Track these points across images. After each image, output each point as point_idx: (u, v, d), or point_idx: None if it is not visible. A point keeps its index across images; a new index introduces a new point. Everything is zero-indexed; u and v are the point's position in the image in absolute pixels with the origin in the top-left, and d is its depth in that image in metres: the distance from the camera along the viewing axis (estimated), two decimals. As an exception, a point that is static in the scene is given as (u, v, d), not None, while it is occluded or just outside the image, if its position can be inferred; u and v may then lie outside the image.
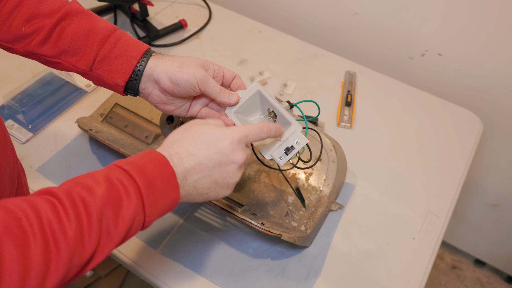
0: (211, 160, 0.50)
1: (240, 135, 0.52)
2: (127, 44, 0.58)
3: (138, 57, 0.58)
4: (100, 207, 0.42)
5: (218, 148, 0.50)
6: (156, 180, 0.46)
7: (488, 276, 1.61)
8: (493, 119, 1.13)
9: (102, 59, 0.58)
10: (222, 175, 0.51)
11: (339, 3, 1.16)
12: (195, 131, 0.51)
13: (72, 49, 0.58)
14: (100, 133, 0.79)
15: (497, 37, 1.00)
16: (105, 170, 0.46)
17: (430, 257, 0.75)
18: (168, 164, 0.48)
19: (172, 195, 0.48)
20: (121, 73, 0.58)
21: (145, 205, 0.45)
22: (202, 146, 0.50)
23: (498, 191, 1.32)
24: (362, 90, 1.01)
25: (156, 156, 0.48)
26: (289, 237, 0.66)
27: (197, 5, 1.21)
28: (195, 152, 0.50)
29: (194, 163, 0.49)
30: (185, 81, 0.57)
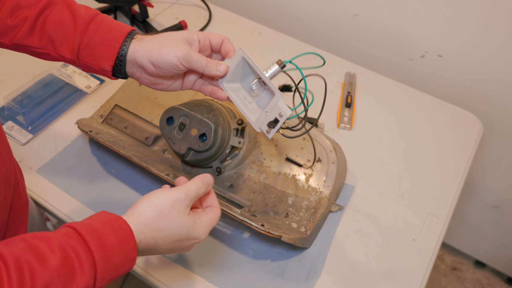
0: (169, 249, 0.52)
1: (207, 235, 0.54)
2: (109, 28, 0.57)
3: (120, 40, 0.57)
4: (48, 280, 0.39)
5: (182, 245, 0.52)
6: (115, 254, 0.45)
7: (488, 278, 1.60)
8: (493, 121, 1.13)
9: (86, 46, 0.57)
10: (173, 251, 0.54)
11: (339, 5, 1.16)
12: (174, 227, 0.50)
13: (57, 38, 0.58)
14: (100, 135, 0.79)
15: (496, 38, 1.00)
16: (63, 236, 0.43)
17: (430, 258, 0.75)
18: (132, 237, 0.47)
19: (128, 265, 0.47)
20: (106, 58, 0.57)
21: (97, 279, 0.43)
22: (172, 244, 0.51)
23: (498, 192, 1.31)
24: (362, 91, 1.01)
25: (121, 226, 0.47)
26: (289, 238, 0.66)
27: (197, 6, 1.21)
28: (161, 245, 0.50)
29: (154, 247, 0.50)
30: (167, 62, 0.56)
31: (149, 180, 0.83)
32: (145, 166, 0.72)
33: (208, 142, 0.71)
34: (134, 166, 0.84)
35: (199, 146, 0.71)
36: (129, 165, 0.84)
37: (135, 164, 0.83)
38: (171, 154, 0.81)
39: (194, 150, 0.72)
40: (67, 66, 1.01)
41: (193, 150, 0.73)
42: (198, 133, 0.72)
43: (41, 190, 0.80)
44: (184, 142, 0.72)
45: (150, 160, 0.76)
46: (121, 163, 0.85)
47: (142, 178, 0.83)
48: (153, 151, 0.81)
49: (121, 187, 0.82)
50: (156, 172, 0.71)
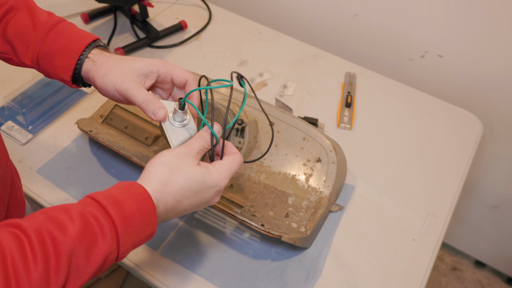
0: (192, 205, 0.51)
1: (227, 181, 0.53)
2: (68, 38, 0.56)
3: (79, 51, 0.55)
4: (71, 246, 0.40)
5: (203, 195, 0.51)
6: (135, 217, 0.45)
7: (488, 278, 1.60)
8: (493, 121, 1.13)
9: (44, 55, 0.56)
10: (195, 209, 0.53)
11: (339, 5, 1.16)
12: (188, 177, 0.49)
13: (17, 45, 0.57)
14: (100, 135, 0.79)
15: (497, 38, 1.00)
16: (81, 205, 0.44)
17: (430, 259, 0.75)
18: (150, 199, 0.47)
19: (149, 229, 0.47)
20: (64, 69, 0.56)
21: (120, 243, 0.43)
22: (191, 195, 0.50)
23: (498, 192, 1.31)
24: (362, 91, 1.01)
25: (138, 190, 0.47)
26: (289, 238, 0.66)
27: (197, 6, 1.21)
28: (181, 200, 0.49)
29: (176, 205, 0.49)
30: (107, 92, 0.55)
31: (149, 180, 0.83)
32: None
33: (208, 142, 0.71)
34: (134, 166, 0.84)
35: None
36: (129, 165, 0.84)
37: (135, 164, 0.83)
38: (171, 154, 0.81)
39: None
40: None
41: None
42: (198, 133, 0.71)
43: (41, 190, 0.80)
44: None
45: (150, 160, 0.76)
46: (121, 163, 0.85)
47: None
48: (153, 151, 0.81)
49: (121, 187, 0.82)
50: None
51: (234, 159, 0.54)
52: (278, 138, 0.80)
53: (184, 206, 0.50)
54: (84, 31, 0.58)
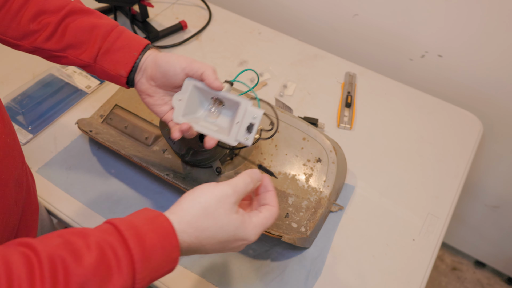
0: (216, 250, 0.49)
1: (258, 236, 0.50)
2: (129, 38, 0.61)
3: (139, 50, 0.60)
4: (83, 279, 0.37)
5: (229, 246, 0.49)
6: (156, 253, 0.42)
7: (488, 278, 1.60)
8: (493, 120, 1.13)
9: (105, 52, 0.60)
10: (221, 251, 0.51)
11: (339, 5, 1.16)
12: (221, 227, 0.47)
13: (77, 43, 0.60)
14: (100, 135, 0.79)
15: (497, 38, 1.00)
16: (100, 232, 0.41)
17: (430, 259, 0.75)
18: (175, 236, 0.44)
19: (169, 266, 0.44)
20: (124, 64, 0.60)
21: (136, 279, 0.40)
22: (217, 244, 0.48)
23: (498, 192, 1.31)
24: (362, 91, 1.01)
25: (163, 223, 0.44)
26: (289, 238, 0.66)
27: (197, 6, 1.21)
28: (206, 245, 0.47)
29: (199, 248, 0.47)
30: (170, 63, 0.58)
31: (149, 180, 0.83)
32: (145, 166, 0.72)
33: (208, 142, 0.71)
34: (134, 166, 0.84)
35: (199, 146, 0.71)
36: (129, 165, 0.84)
37: (135, 164, 0.83)
38: (171, 154, 0.81)
39: (194, 150, 0.72)
40: (67, 66, 1.01)
41: (193, 150, 0.73)
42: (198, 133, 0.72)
43: (41, 190, 0.80)
44: (184, 142, 0.72)
45: (150, 160, 0.76)
46: (121, 163, 0.85)
47: (142, 178, 0.83)
48: (153, 151, 0.81)
49: (121, 187, 0.82)
50: (156, 172, 0.71)
51: (271, 214, 0.51)
52: (278, 138, 0.80)
53: (207, 249, 0.48)
54: (138, 35, 0.63)
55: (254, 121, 0.57)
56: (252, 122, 0.57)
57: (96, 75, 0.63)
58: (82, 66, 0.62)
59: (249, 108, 0.57)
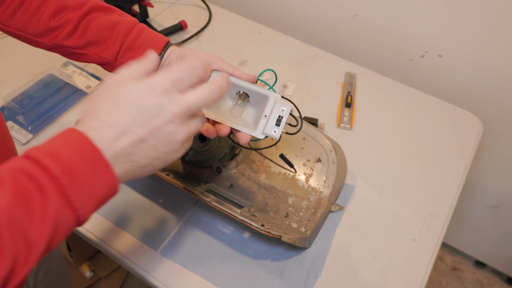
0: (138, 124, 0.40)
1: (165, 82, 0.41)
2: (150, 35, 0.61)
3: (161, 47, 0.60)
4: (7, 217, 0.34)
5: (141, 107, 0.40)
6: (78, 165, 0.37)
7: (488, 278, 1.60)
8: (493, 120, 1.13)
9: (127, 49, 0.60)
10: (160, 138, 0.41)
11: (339, 5, 1.16)
12: (109, 97, 0.41)
13: (98, 40, 0.60)
14: (100, 135, 0.79)
15: (497, 38, 1.00)
16: (11, 164, 0.37)
17: (430, 259, 0.75)
18: (89, 142, 0.38)
19: (104, 178, 0.39)
20: None
21: (70, 196, 0.36)
22: (123, 111, 0.40)
23: (498, 192, 1.31)
24: (362, 91, 1.01)
25: (73, 135, 0.39)
26: (289, 238, 0.66)
27: (197, 6, 1.21)
28: (116, 121, 0.40)
29: (119, 133, 0.40)
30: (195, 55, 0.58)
31: (149, 180, 0.83)
32: (145, 166, 0.72)
33: (208, 142, 0.71)
34: (134, 166, 0.84)
35: (199, 146, 0.71)
36: (129, 165, 0.84)
37: (135, 164, 0.83)
38: (171, 154, 0.81)
39: (194, 150, 0.72)
40: (67, 66, 1.01)
41: (193, 150, 0.73)
42: (198, 133, 0.72)
43: (41, 190, 0.80)
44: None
45: (150, 160, 0.76)
46: (121, 163, 0.85)
47: (142, 178, 0.83)
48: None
49: (121, 187, 0.81)
50: (156, 172, 0.71)
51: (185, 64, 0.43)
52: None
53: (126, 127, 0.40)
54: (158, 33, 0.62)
55: (283, 114, 0.57)
56: (281, 115, 0.57)
57: None
58: (101, 64, 0.62)
59: (278, 100, 0.58)
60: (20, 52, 1.05)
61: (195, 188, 0.70)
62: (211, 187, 0.77)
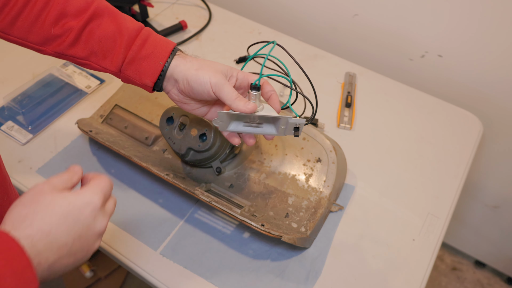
0: (70, 235, 0.42)
1: (100, 196, 0.45)
2: (154, 45, 0.59)
3: (165, 58, 0.58)
4: None
5: (78, 219, 0.43)
6: (5, 277, 0.36)
7: (488, 278, 1.60)
8: (493, 120, 1.13)
9: (130, 61, 0.58)
10: (82, 246, 0.44)
11: (339, 5, 1.16)
12: (48, 203, 0.42)
13: (101, 51, 0.58)
14: (100, 134, 0.79)
15: (497, 38, 1.00)
16: None
17: (430, 259, 0.75)
18: (22, 252, 0.38)
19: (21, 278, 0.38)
20: (150, 75, 0.58)
21: None
22: (60, 221, 0.41)
23: (498, 192, 1.31)
24: (362, 91, 1.01)
25: (7, 243, 0.38)
26: (289, 238, 0.66)
27: (197, 6, 1.21)
28: (51, 230, 0.41)
29: (50, 244, 0.40)
30: (199, 84, 0.56)
31: (149, 180, 0.83)
32: (145, 166, 0.72)
33: (208, 142, 0.71)
34: (134, 166, 0.84)
35: (199, 146, 0.71)
36: (129, 165, 0.84)
37: (135, 164, 0.83)
38: (171, 154, 0.81)
39: (194, 150, 0.72)
40: (67, 66, 1.01)
41: (193, 150, 0.73)
42: (198, 133, 0.72)
43: (41, 190, 0.80)
44: (184, 142, 0.72)
45: (150, 160, 0.76)
46: (121, 163, 0.85)
47: (142, 178, 0.83)
48: (153, 151, 0.81)
49: (121, 187, 0.82)
50: (156, 172, 0.71)
51: (100, 178, 0.47)
52: (278, 138, 0.80)
53: (59, 236, 0.41)
54: (163, 38, 0.60)
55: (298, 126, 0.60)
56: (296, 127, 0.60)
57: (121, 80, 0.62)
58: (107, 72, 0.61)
59: (290, 121, 0.59)
60: (20, 52, 1.05)
61: (195, 188, 0.70)
62: (211, 187, 0.77)
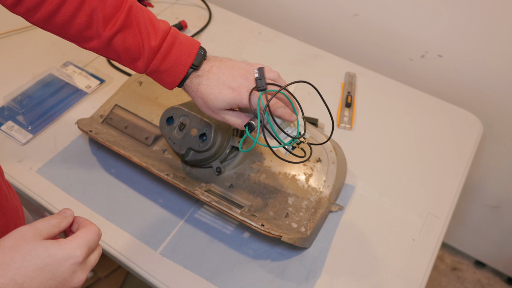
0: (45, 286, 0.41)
1: (83, 250, 0.44)
2: (175, 59, 0.61)
3: (183, 73, 0.62)
4: None
5: (55, 273, 0.41)
6: None
7: (488, 278, 1.60)
8: (493, 120, 1.13)
9: (152, 72, 0.63)
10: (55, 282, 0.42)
11: (339, 5, 1.16)
12: (27, 253, 0.41)
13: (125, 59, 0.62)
14: (100, 135, 0.79)
15: (497, 38, 1.00)
16: None
17: (430, 259, 0.75)
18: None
19: None
20: (169, 84, 0.63)
21: None
22: (36, 273, 0.40)
23: (498, 192, 1.31)
24: (362, 91, 1.01)
25: None
26: (289, 238, 0.66)
27: (197, 6, 1.21)
28: (24, 282, 0.40)
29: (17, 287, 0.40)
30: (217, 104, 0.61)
31: (149, 180, 0.83)
32: (145, 166, 0.72)
33: (208, 142, 0.71)
34: (134, 166, 0.84)
35: (199, 146, 0.71)
36: (129, 165, 0.84)
37: (135, 164, 0.83)
38: (171, 154, 0.81)
39: (194, 150, 0.72)
40: (67, 66, 1.01)
41: (193, 150, 0.73)
42: (198, 133, 0.72)
43: (41, 190, 0.80)
44: (184, 142, 0.72)
45: (150, 160, 0.76)
46: (121, 163, 0.85)
47: (142, 178, 0.83)
48: (153, 151, 0.81)
49: (121, 187, 0.82)
50: (156, 172, 0.71)
51: (89, 229, 0.47)
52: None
53: None
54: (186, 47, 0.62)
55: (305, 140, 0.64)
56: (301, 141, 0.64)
57: None
58: None
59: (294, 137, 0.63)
60: (20, 52, 1.05)
61: (195, 188, 0.70)
62: (211, 187, 0.77)
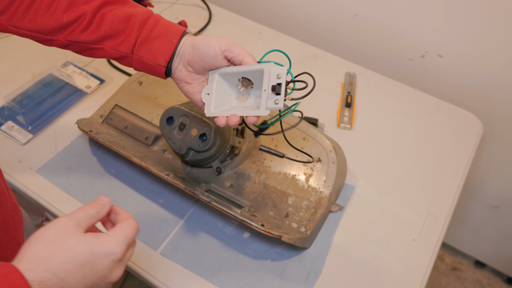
0: (84, 283, 0.42)
1: (123, 248, 0.44)
2: (166, 26, 0.59)
3: (178, 36, 0.58)
4: None
5: (95, 269, 0.42)
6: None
7: (488, 278, 1.60)
8: (493, 120, 1.13)
9: (143, 40, 0.58)
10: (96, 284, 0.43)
11: (339, 5, 1.16)
12: (69, 248, 0.41)
13: (113, 33, 0.59)
14: (100, 135, 0.79)
15: (496, 38, 1.00)
16: None
17: (430, 259, 0.75)
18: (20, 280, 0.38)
19: None
20: (163, 53, 0.58)
21: None
22: (77, 269, 0.41)
23: (498, 192, 1.31)
24: (362, 91, 1.01)
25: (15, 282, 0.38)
26: (289, 238, 0.66)
27: (197, 6, 1.21)
28: (65, 277, 0.40)
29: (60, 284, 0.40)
30: (207, 46, 0.56)
31: (149, 180, 0.83)
32: (145, 166, 0.72)
33: (208, 142, 0.71)
34: (134, 166, 0.84)
35: (199, 146, 0.71)
36: (129, 165, 0.84)
37: (135, 164, 0.83)
38: (171, 154, 0.81)
39: (194, 150, 0.72)
40: (67, 66, 1.01)
41: (193, 150, 0.73)
42: (198, 133, 0.72)
43: (41, 190, 0.80)
44: (184, 142, 0.72)
45: (150, 160, 0.76)
46: (121, 163, 0.85)
47: (142, 178, 0.83)
48: (153, 151, 0.81)
49: (121, 187, 0.82)
50: (156, 172, 0.71)
51: (128, 224, 0.47)
52: (278, 138, 0.80)
53: (72, 284, 0.41)
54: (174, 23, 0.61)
55: (280, 81, 0.53)
56: (278, 82, 0.53)
57: (132, 67, 0.61)
58: (117, 58, 0.60)
59: (272, 69, 0.54)
60: (20, 52, 1.05)
61: (195, 188, 0.70)
62: (211, 187, 0.77)
